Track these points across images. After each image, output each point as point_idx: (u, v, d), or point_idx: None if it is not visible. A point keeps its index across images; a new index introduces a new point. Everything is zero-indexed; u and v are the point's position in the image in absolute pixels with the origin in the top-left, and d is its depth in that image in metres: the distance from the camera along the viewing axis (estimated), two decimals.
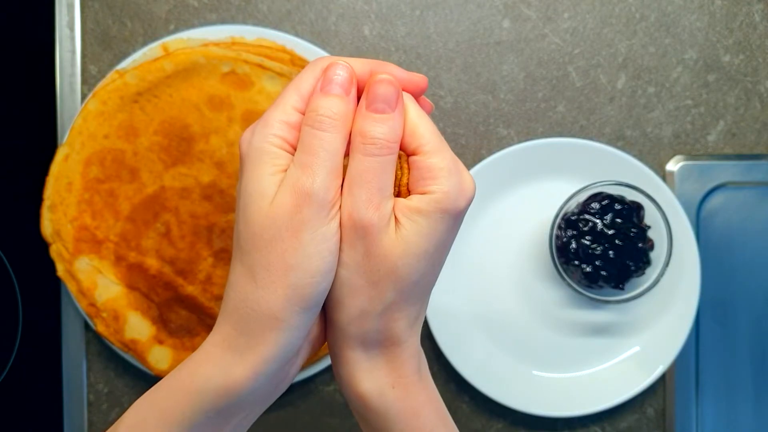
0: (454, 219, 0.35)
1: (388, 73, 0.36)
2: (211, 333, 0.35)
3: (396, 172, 0.36)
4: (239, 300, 0.33)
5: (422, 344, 0.40)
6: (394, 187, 0.36)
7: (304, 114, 0.35)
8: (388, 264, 0.34)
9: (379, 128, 0.34)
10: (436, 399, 0.38)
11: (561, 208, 0.57)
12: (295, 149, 0.35)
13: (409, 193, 0.36)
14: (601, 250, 0.56)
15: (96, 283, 0.57)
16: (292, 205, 0.32)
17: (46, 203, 0.57)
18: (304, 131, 0.34)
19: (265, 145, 0.34)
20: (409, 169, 0.36)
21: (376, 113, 0.34)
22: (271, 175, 0.34)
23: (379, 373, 0.36)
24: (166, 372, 0.57)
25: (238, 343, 0.33)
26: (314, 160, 0.33)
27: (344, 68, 0.35)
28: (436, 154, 0.35)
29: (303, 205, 0.32)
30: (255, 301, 0.33)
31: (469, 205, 0.36)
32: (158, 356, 0.57)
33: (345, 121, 0.34)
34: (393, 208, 0.35)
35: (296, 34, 0.61)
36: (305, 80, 0.36)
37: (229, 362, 0.33)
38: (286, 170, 0.34)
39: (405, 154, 0.37)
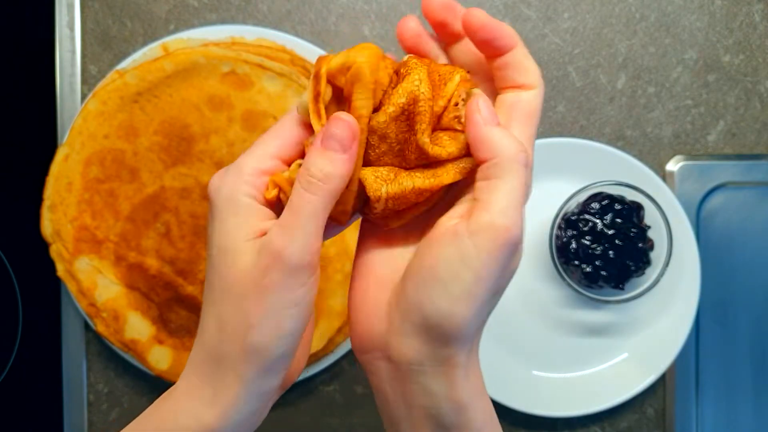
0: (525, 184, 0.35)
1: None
2: (180, 379, 0.34)
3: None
4: (206, 351, 0.33)
5: None
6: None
7: (283, 162, 0.34)
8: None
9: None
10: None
11: (561, 208, 0.57)
12: (271, 204, 0.33)
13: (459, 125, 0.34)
14: (601, 250, 0.56)
15: (96, 283, 0.57)
16: (262, 266, 0.31)
17: (46, 203, 0.57)
18: (294, 189, 0.32)
19: (236, 194, 0.32)
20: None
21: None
22: (240, 230, 0.32)
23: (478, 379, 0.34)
24: (166, 372, 0.57)
25: (204, 393, 0.33)
26: (294, 222, 0.31)
27: (345, 123, 0.32)
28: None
29: (273, 268, 0.31)
30: (219, 354, 0.32)
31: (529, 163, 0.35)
32: (158, 356, 0.57)
33: (337, 183, 0.32)
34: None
35: (296, 34, 0.61)
36: (285, 127, 0.34)
37: (199, 409, 0.32)
38: (257, 224, 0.32)
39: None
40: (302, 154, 0.34)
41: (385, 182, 0.34)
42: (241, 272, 0.31)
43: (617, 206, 0.56)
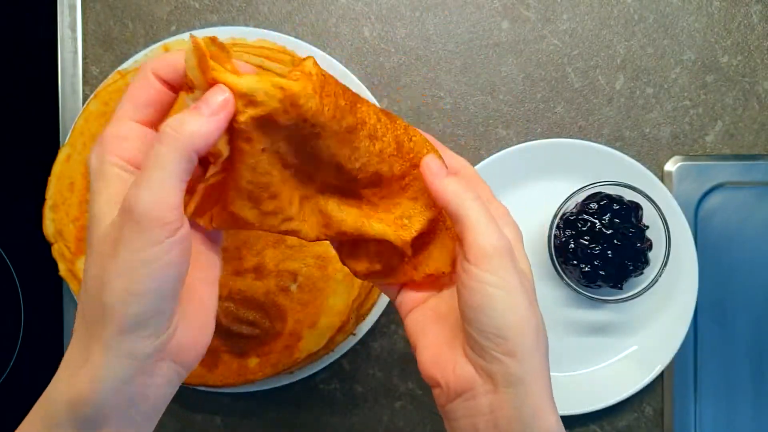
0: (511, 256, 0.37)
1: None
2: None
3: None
4: (80, 316, 0.33)
5: None
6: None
7: (145, 124, 0.34)
8: None
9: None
10: None
11: (559, 208, 0.57)
12: (136, 165, 0.33)
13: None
14: (599, 249, 0.56)
15: None
16: (117, 223, 0.31)
17: (48, 203, 0.58)
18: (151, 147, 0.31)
19: (102, 166, 0.32)
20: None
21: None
22: (106, 198, 0.32)
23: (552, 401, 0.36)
24: None
25: (78, 359, 0.32)
26: (143, 173, 0.30)
27: (222, 96, 0.31)
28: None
29: (125, 223, 0.30)
30: (86, 317, 0.32)
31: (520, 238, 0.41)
32: None
33: (192, 138, 0.30)
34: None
35: (297, 36, 0.61)
36: (136, 89, 0.34)
37: (73, 376, 0.32)
38: (123, 190, 0.32)
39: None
40: (158, 113, 0.35)
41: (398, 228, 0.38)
42: (103, 232, 0.31)
43: (615, 206, 0.56)
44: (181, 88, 0.34)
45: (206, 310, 0.35)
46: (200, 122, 0.31)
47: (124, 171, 0.32)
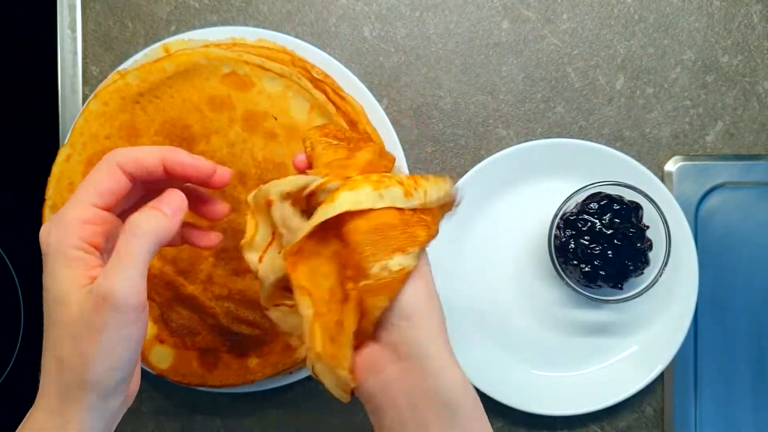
0: None
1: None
2: (27, 418, 0.37)
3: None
4: (51, 388, 0.36)
5: None
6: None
7: (104, 209, 0.38)
8: None
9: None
10: None
11: (560, 208, 0.57)
12: (95, 247, 0.37)
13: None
14: (599, 249, 0.56)
15: None
16: (93, 308, 0.34)
17: (48, 203, 0.58)
18: (119, 239, 0.36)
19: (64, 247, 0.36)
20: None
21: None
22: (71, 280, 0.35)
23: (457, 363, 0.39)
24: (167, 370, 0.57)
25: (54, 424, 0.36)
26: (118, 264, 0.35)
27: (180, 199, 0.38)
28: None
29: (102, 309, 0.34)
30: (62, 389, 0.36)
31: None
32: (159, 355, 0.57)
33: (158, 233, 0.36)
34: None
35: (297, 36, 0.61)
36: (101, 177, 0.38)
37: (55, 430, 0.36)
38: (86, 272, 0.36)
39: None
40: (123, 204, 0.40)
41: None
42: (74, 316, 0.35)
43: (616, 206, 0.56)
44: (139, 179, 0.39)
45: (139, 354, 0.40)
46: (164, 220, 0.37)
47: (86, 253, 0.36)
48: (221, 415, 0.63)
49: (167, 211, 0.37)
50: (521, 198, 0.61)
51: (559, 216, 0.57)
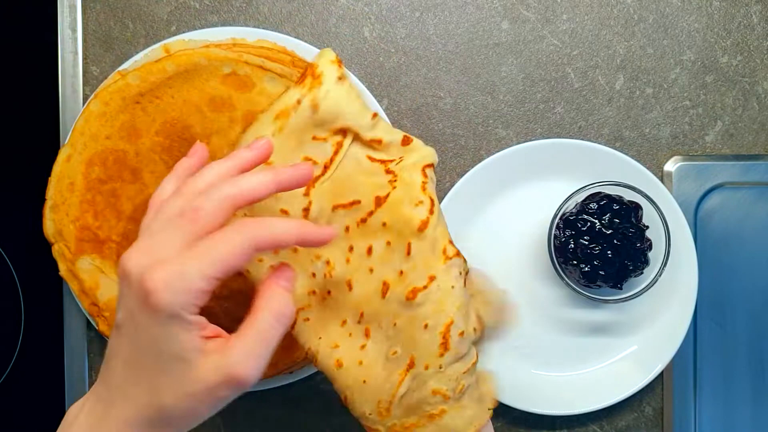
0: None
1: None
2: (104, 421, 0.39)
3: None
4: (135, 409, 0.38)
5: None
6: None
7: (219, 282, 0.37)
8: None
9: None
10: None
11: (559, 208, 0.57)
12: (202, 311, 0.37)
13: None
14: (599, 249, 0.56)
15: (98, 283, 0.58)
16: (217, 383, 0.36)
17: (48, 203, 0.58)
18: (258, 318, 0.38)
19: (185, 314, 0.36)
20: None
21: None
22: (189, 342, 0.37)
23: None
24: None
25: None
26: (263, 351, 0.37)
27: (292, 271, 0.41)
28: None
29: (230, 386, 0.37)
30: (146, 418, 0.38)
31: None
32: None
33: (292, 317, 0.39)
34: None
35: (297, 36, 0.61)
36: (234, 256, 0.37)
37: None
38: (201, 333, 0.37)
39: None
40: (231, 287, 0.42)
41: None
42: (197, 381, 0.37)
43: (615, 206, 0.56)
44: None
45: None
46: (290, 300, 0.40)
47: (200, 316, 0.37)
48: (221, 415, 0.63)
49: (290, 288, 0.40)
50: (521, 198, 0.61)
51: (558, 216, 0.57)
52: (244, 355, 0.37)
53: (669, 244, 0.56)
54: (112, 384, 0.39)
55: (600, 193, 0.57)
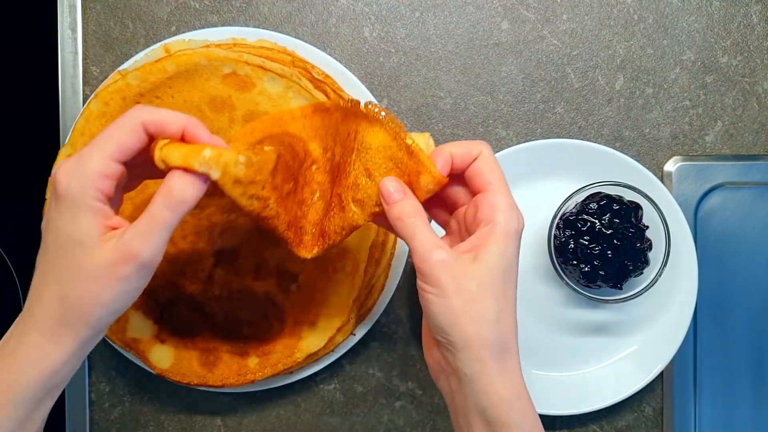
0: (516, 240, 0.42)
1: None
2: (24, 328, 0.40)
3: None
4: (50, 313, 0.39)
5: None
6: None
7: (123, 164, 0.39)
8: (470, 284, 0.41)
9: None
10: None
11: (559, 208, 0.57)
12: (109, 198, 0.39)
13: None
14: (599, 249, 0.56)
15: None
16: (115, 260, 0.38)
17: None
18: (156, 203, 0.38)
19: (85, 197, 0.38)
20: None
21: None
22: (94, 228, 0.38)
23: (513, 381, 0.41)
24: (168, 370, 0.57)
25: (47, 343, 0.39)
26: (152, 231, 0.38)
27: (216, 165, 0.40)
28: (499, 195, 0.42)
29: (128, 264, 0.38)
30: (60, 321, 0.39)
31: (521, 229, 0.43)
32: (159, 355, 0.58)
33: (192, 204, 0.39)
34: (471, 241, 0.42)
35: (297, 36, 0.61)
36: (125, 133, 0.39)
37: (45, 357, 0.39)
38: (105, 222, 0.39)
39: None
40: (140, 158, 0.41)
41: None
42: (96, 263, 0.38)
43: (615, 206, 0.56)
44: (157, 137, 0.41)
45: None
46: (196, 189, 0.39)
47: (104, 204, 0.39)
48: (221, 415, 0.63)
49: (202, 181, 0.39)
50: (521, 198, 0.60)
51: (558, 216, 0.57)
52: (138, 234, 0.38)
53: (669, 244, 0.56)
54: (31, 293, 0.41)
55: (600, 193, 0.57)
